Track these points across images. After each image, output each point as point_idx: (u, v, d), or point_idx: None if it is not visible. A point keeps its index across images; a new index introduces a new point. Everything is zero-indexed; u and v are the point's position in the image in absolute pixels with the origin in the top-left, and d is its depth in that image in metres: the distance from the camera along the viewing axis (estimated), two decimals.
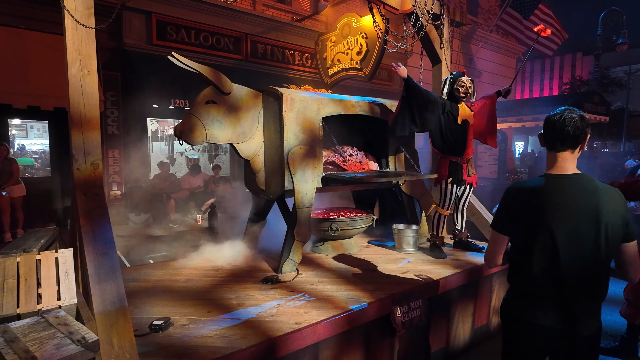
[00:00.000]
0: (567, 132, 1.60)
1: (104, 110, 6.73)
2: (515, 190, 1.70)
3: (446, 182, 3.72)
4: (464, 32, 12.37)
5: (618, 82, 20.35)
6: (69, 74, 2.23)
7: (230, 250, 3.67)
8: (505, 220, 1.72)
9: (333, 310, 2.48)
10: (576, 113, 1.62)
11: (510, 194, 1.71)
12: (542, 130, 1.73)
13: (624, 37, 11.49)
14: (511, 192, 1.72)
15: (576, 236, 1.57)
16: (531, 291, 1.66)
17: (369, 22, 4.94)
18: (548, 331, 1.63)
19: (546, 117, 1.69)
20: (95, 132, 2.31)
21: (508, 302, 1.79)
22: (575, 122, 1.60)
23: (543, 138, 1.71)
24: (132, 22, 6.96)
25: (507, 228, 1.73)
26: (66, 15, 2.18)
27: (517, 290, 1.74)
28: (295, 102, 3.27)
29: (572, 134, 1.60)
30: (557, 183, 1.63)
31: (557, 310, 1.62)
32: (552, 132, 1.64)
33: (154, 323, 2.23)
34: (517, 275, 1.73)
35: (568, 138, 1.61)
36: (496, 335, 3.66)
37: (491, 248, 1.81)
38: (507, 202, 1.72)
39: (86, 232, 2.10)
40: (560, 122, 1.61)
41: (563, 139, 1.62)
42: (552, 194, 1.61)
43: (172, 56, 2.82)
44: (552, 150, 1.67)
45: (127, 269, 3.61)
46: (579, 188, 1.60)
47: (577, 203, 1.58)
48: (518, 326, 1.72)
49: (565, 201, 1.59)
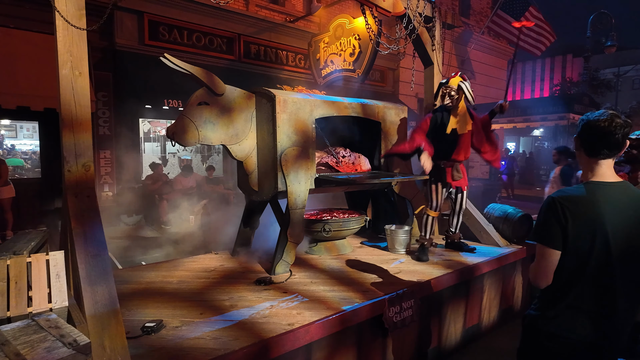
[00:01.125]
0: (617, 139, 1.49)
1: (96, 110, 6.68)
2: (564, 200, 1.52)
3: (430, 184, 3.80)
4: (457, 34, 12.48)
5: (607, 84, 20.64)
6: (60, 75, 2.22)
7: (224, 251, 3.67)
8: (558, 233, 1.52)
9: (326, 311, 2.49)
10: (622, 118, 1.50)
11: (558, 204, 1.51)
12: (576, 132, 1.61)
13: (612, 39, 11.67)
14: (558, 202, 1.52)
15: (630, 247, 1.48)
16: (576, 305, 1.53)
17: (361, 24, 4.96)
18: (588, 346, 1.54)
19: (588, 120, 1.55)
20: (86, 134, 2.30)
21: (542, 318, 1.62)
22: (624, 130, 1.49)
23: (583, 143, 1.57)
24: (123, 22, 6.92)
25: (559, 241, 1.53)
26: (57, 16, 2.17)
27: (555, 305, 1.59)
28: (288, 104, 3.28)
29: (621, 141, 1.50)
30: (607, 192, 1.51)
31: (602, 325, 1.53)
32: (599, 138, 1.51)
33: (146, 325, 2.22)
34: (560, 290, 1.57)
35: (617, 146, 1.50)
36: (487, 334, 3.71)
37: (542, 265, 1.58)
38: (556, 213, 1.52)
39: (77, 234, 2.09)
40: (610, 128, 1.48)
41: (612, 146, 1.50)
42: (605, 203, 1.48)
43: (165, 57, 2.82)
44: (594, 157, 1.54)
45: (119, 270, 3.60)
46: (629, 197, 1.51)
47: (629, 213, 1.49)
48: (554, 343, 1.58)
49: (619, 211, 1.49)
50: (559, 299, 1.58)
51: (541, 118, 11.14)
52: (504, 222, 4.24)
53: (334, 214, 4.08)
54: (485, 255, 3.75)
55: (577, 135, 1.61)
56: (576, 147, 1.63)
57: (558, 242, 1.52)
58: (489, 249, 4.01)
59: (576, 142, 1.62)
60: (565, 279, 1.55)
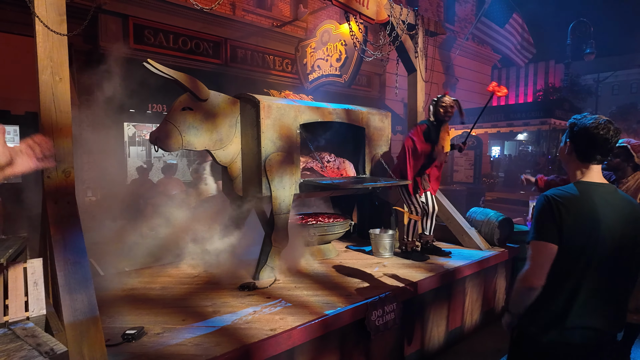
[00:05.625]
0: (612, 146, 1.52)
1: (78, 114, 6.58)
2: (557, 197, 1.51)
3: (405, 191, 3.95)
4: (441, 39, 12.68)
5: (588, 90, 21.21)
6: (40, 81, 2.20)
7: (208, 257, 3.65)
8: (553, 229, 1.50)
9: (309, 315, 2.51)
10: (614, 125, 1.52)
11: (552, 202, 1.51)
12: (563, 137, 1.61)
13: (591, 47, 12.01)
14: (552, 200, 1.52)
15: (623, 245, 1.50)
16: (575, 307, 1.51)
17: (347, 30, 5.03)
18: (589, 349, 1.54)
19: (585, 126, 1.54)
20: (67, 140, 2.28)
21: (539, 327, 1.57)
22: (617, 136, 1.51)
23: (577, 148, 1.57)
24: (108, 26, 6.85)
25: (555, 236, 1.50)
26: (37, 21, 2.16)
27: (552, 310, 1.55)
28: (272, 110, 3.30)
29: (613, 148, 1.53)
30: (599, 192, 1.53)
31: (601, 325, 1.53)
32: (594, 145, 1.52)
33: (127, 332, 2.21)
34: (556, 291, 1.53)
35: (610, 152, 1.53)
36: (470, 336, 3.77)
37: (537, 262, 1.53)
38: (550, 211, 1.51)
39: (57, 241, 2.08)
40: (605, 135, 1.50)
41: (606, 152, 1.52)
42: (598, 202, 1.50)
43: (148, 63, 2.81)
44: (586, 162, 1.56)
45: (101, 277, 3.55)
46: (620, 197, 1.55)
47: (623, 212, 1.51)
48: (554, 350, 1.56)
49: (612, 209, 1.50)
50: (555, 302, 1.54)
51: (524, 123, 11.37)
52: (486, 226, 4.33)
53: (319, 219, 4.10)
54: (467, 259, 3.82)
55: (570, 140, 1.60)
56: (567, 151, 1.62)
57: (554, 236, 1.50)
58: (470, 252, 4.08)
59: (567, 147, 1.60)
60: (560, 278, 1.53)
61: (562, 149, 1.67)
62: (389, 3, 4.12)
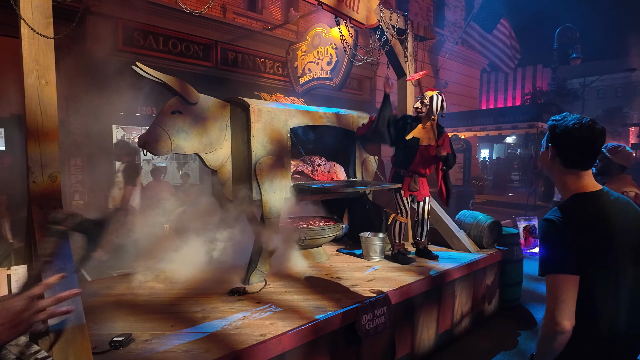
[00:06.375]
0: (598, 149, 1.39)
1: (66, 117, 6.50)
2: (564, 219, 1.35)
3: (395, 192, 3.96)
4: (431, 44, 12.81)
5: (574, 93, 21.61)
6: (26, 84, 2.17)
7: (197, 261, 3.62)
8: (571, 256, 1.31)
9: (299, 320, 2.50)
10: (598, 125, 1.38)
11: (561, 225, 1.34)
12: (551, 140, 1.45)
13: (577, 52, 12.24)
14: (560, 223, 1.34)
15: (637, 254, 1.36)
16: (611, 332, 1.34)
17: (338, 34, 5.05)
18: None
19: (564, 128, 1.39)
20: (53, 144, 2.25)
21: None
22: (603, 138, 1.38)
23: (559, 153, 1.42)
24: (96, 28, 6.77)
25: (575, 266, 1.31)
26: (23, 24, 2.12)
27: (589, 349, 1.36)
28: (262, 113, 3.29)
29: (599, 151, 1.40)
30: (602, 202, 1.38)
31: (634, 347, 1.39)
32: (580, 149, 1.38)
33: (115, 339, 2.18)
34: (590, 329, 1.34)
35: (597, 155, 1.40)
36: (460, 339, 3.79)
37: (562, 299, 1.30)
38: (561, 236, 1.34)
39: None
40: (591, 138, 1.36)
41: (593, 156, 1.39)
42: (606, 214, 1.36)
43: (137, 66, 2.79)
44: (574, 168, 1.41)
45: (88, 282, 3.50)
46: (621, 204, 1.41)
47: (630, 222, 1.38)
48: None
49: (622, 218, 1.37)
50: (588, 339, 1.34)
51: (512, 126, 11.53)
52: (475, 228, 4.37)
53: (310, 222, 4.10)
54: (456, 261, 3.85)
55: (552, 144, 1.44)
56: (550, 157, 1.46)
57: (572, 265, 1.31)
58: (460, 254, 4.11)
59: (550, 152, 1.46)
60: (590, 307, 1.33)
61: (544, 155, 1.50)
62: (379, 8, 4.15)
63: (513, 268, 4.51)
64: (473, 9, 13.28)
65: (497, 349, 3.59)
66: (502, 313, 4.39)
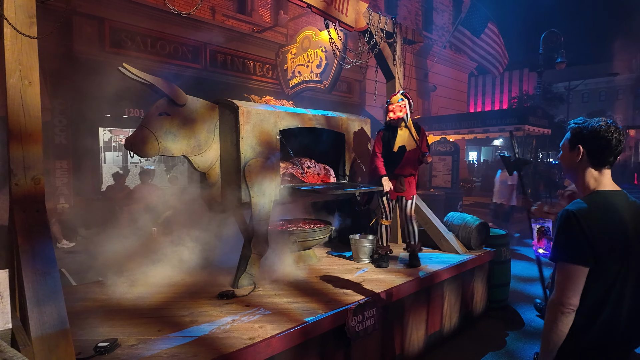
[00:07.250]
0: (622, 148, 1.49)
1: (52, 119, 6.38)
2: (583, 212, 1.42)
3: (379, 195, 3.96)
4: (419, 47, 12.93)
5: (559, 97, 22.02)
6: (8, 85, 2.12)
7: (186, 264, 3.58)
8: (585, 249, 1.38)
9: (288, 323, 2.49)
10: (617, 125, 1.50)
11: (580, 218, 1.40)
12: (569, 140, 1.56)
13: (562, 56, 12.48)
14: (579, 215, 1.41)
15: None
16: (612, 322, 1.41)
17: (328, 37, 5.07)
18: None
19: (593, 129, 1.49)
20: (36, 146, 2.20)
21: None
22: (624, 138, 1.50)
23: (591, 153, 1.51)
24: (83, 28, 6.68)
25: (588, 258, 1.39)
26: (5, 24, 2.08)
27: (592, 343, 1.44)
28: (251, 115, 3.28)
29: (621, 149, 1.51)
30: (619, 200, 1.48)
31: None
32: (607, 148, 1.47)
33: (100, 345, 2.13)
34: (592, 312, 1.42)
35: (619, 154, 1.50)
36: (449, 340, 3.82)
37: (567, 286, 1.41)
38: (579, 228, 1.40)
39: (24, 251, 1.99)
40: (617, 138, 1.47)
41: (617, 155, 1.49)
42: (623, 211, 1.45)
43: (123, 67, 2.75)
44: (599, 167, 1.51)
45: (73, 287, 3.43)
46: (638, 207, 1.50)
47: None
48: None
49: (636, 224, 1.44)
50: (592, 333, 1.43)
51: (499, 129, 11.69)
52: (463, 230, 4.41)
53: (299, 225, 4.09)
54: (445, 263, 3.87)
55: (583, 145, 1.52)
56: (578, 157, 1.53)
57: (585, 257, 1.39)
58: (448, 256, 4.14)
59: (581, 153, 1.52)
60: (594, 298, 1.42)
61: (572, 156, 1.56)
62: (368, 11, 4.18)
63: (501, 269, 4.56)
64: (461, 13, 13.47)
65: (485, 350, 3.63)
66: (490, 314, 4.44)
